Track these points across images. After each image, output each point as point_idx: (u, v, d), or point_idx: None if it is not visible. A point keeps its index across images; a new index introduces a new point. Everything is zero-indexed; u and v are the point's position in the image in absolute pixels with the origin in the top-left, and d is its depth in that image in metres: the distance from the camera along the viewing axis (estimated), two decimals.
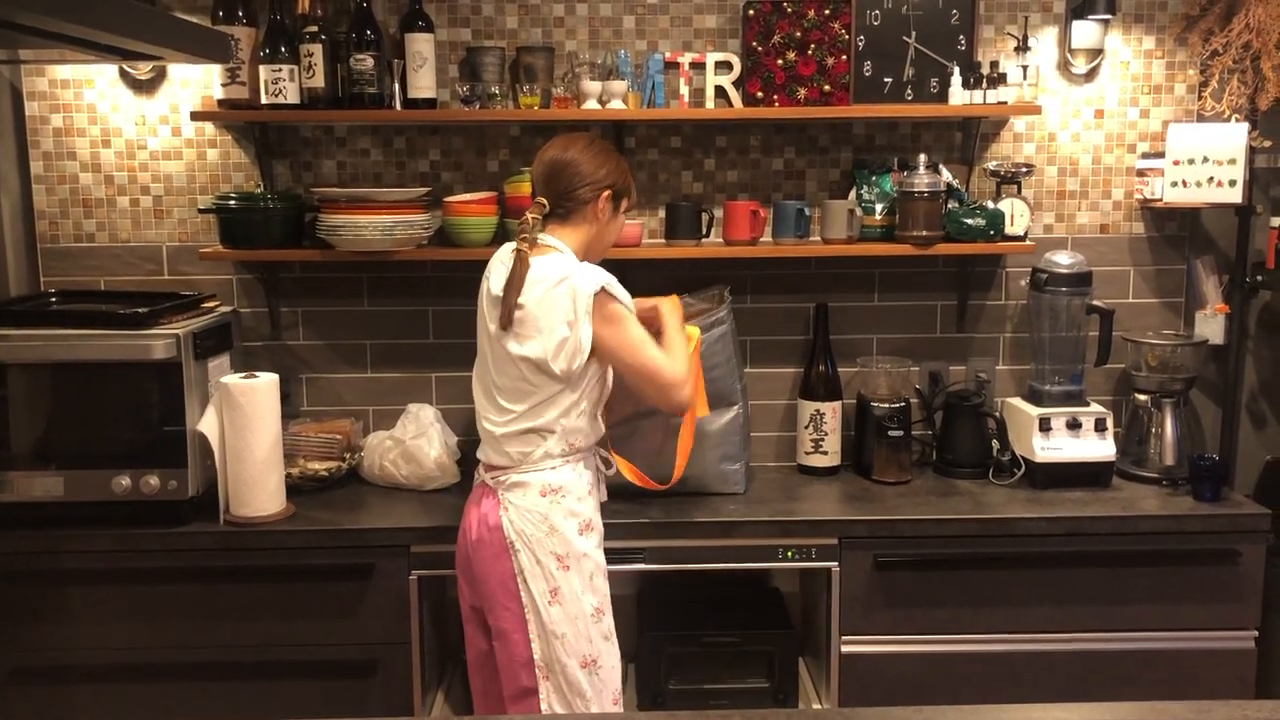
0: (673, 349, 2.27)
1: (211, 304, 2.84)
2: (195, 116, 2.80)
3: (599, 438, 2.35)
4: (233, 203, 2.77)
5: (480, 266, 2.33)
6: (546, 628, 2.19)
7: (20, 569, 2.53)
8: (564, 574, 2.20)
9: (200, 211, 2.90)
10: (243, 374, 2.62)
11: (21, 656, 2.57)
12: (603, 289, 2.16)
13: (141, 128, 2.93)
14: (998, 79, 2.79)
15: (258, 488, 2.56)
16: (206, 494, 2.62)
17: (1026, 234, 2.88)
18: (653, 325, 2.33)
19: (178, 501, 2.56)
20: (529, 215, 2.22)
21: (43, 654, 2.56)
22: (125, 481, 2.54)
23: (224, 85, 2.73)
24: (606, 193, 2.26)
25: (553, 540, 2.21)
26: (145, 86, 2.92)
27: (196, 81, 2.91)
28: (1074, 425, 2.82)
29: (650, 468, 2.58)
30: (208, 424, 2.56)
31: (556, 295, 2.15)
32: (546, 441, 2.23)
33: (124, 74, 2.90)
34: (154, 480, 2.54)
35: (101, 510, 2.55)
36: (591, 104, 2.77)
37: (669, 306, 2.39)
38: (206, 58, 2.40)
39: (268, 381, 2.59)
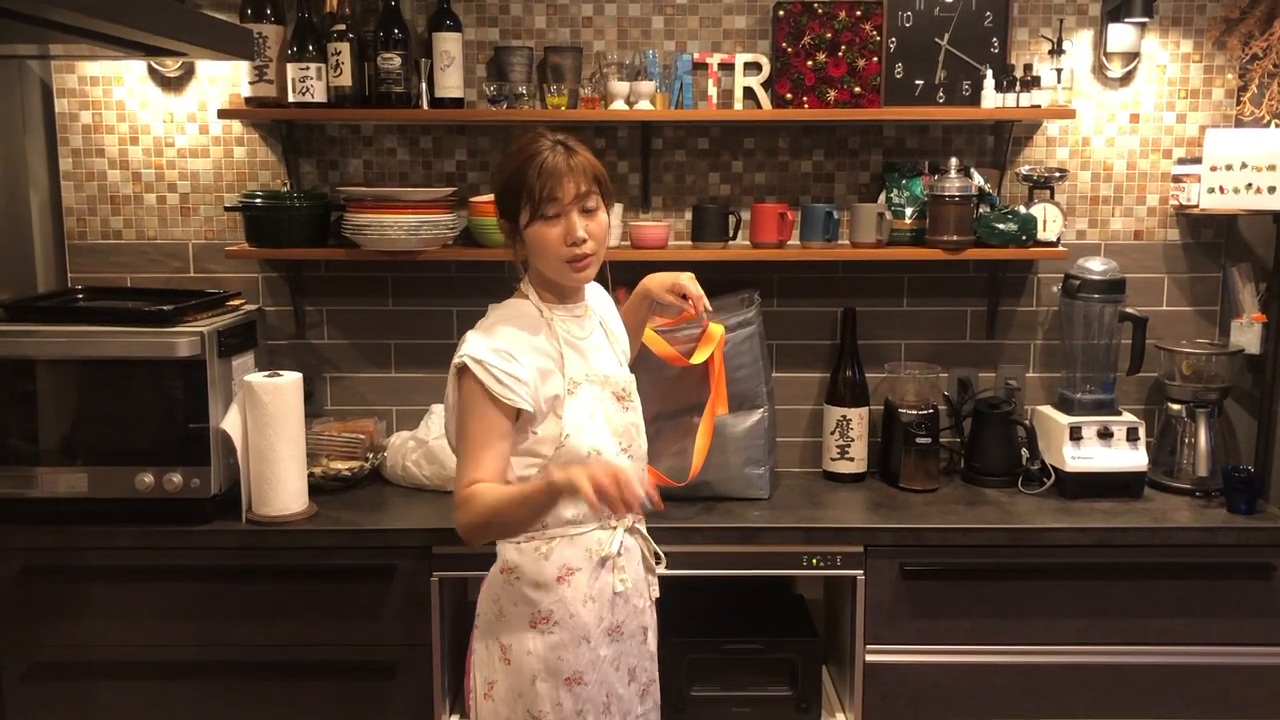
0: (509, 497, 1.88)
1: (236, 302, 2.83)
2: (223, 114, 2.80)
3: (591, 523, 2.02)
4: (259, 201, 2.76)
5: (505, 267, 2.19)
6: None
7: (43, 565, 2.54)
8: (504, 668, 1.99)
9: (226, 209, 2.90)
10: (267, 372, 2.62)
11: (43, 652, 2.57)
12: (466, 365, 1.89)
13: (169, 125, 2.94)
14: (1031, 82, 2.75)
15: (280, 487, 2.56)
16: (229, 492, 2.61)
17: (1059, 239, 2.84)
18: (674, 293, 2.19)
19: (200, 499, 2.56)
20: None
21: (63, 650, 2.56)
22: (148, 479, 2.54)
23: (251, 83, 2.73)
24: (500, 219, 2.02)
25: (499, 625, 2.01)
26: (174, 84, 2.92)
27: (224, 79, 2.91)
28: (1105, 434, 2.77)
29: (669, 468, 2.57)
30: (231, 422, 2.56)
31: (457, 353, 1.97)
32: None
33: (153, 71, 2.91)
34: (177, 478, 2.54)
35: (124, 507, 2.55)
36: (619, 104, 2.75)
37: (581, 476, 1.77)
38: (232, 54, 2.40)
39: (291, 380, 2.58)
